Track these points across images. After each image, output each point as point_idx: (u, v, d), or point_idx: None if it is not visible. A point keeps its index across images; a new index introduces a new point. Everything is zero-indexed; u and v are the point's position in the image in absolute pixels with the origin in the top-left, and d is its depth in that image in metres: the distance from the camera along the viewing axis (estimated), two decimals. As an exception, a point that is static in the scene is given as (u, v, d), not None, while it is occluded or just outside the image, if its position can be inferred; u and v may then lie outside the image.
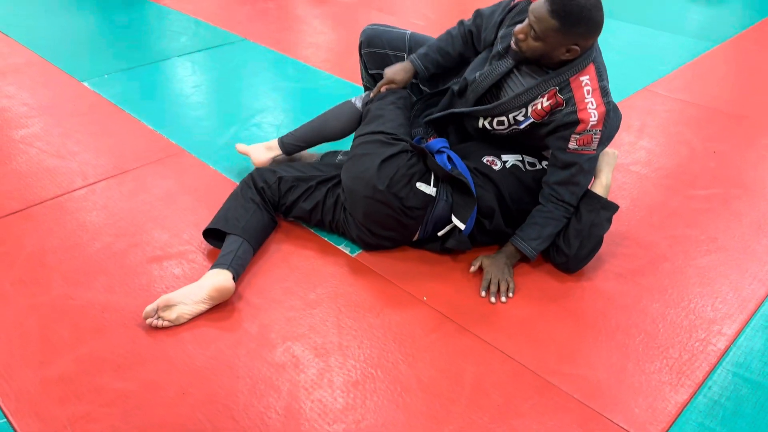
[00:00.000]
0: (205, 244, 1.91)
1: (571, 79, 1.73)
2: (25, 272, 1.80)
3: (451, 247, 1.85)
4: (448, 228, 1.84)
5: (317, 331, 1.64)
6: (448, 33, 2.07)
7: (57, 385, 1.47)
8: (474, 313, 1.71)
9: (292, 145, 2.16)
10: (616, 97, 2.90)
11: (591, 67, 1.75)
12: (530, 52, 1.72)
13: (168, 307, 1.62)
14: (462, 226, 1.79)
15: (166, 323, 1.62)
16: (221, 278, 1.66)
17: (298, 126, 2.22)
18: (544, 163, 1.95)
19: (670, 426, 1.43)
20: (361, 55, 2.27)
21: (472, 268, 1.82)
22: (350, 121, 2.14)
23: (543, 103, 1.76)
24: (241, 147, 2.23)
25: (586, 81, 1.74)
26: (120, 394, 1.46)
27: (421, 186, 1.79)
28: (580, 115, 1.72)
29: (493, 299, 1.75)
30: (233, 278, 1.70)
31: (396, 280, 1.82)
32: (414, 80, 2.15)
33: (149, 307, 1.61)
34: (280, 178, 1.93)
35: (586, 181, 1.83)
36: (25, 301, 1.70)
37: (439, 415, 1.43)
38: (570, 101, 1.74)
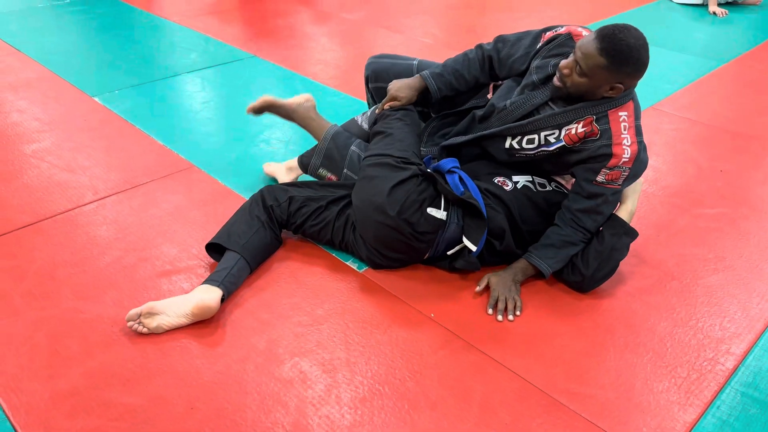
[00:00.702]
0: (212, 261, 1.92)
1: (609, 112, 1.73)
2: (35, 285, 1.82)
3: (459, 267, 1.86)
4: (458, 248, 1.85)
5: (325, 347, 1.65)
6: (465, 56, 2.03)
7: (66, 399, 1.48)
8: (481, 331, 1.71)
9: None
10: (622, 116, 2.94)
11: (630, 104, 1.76)
12: (574, 87, 1.72)
13: (151, 314, 1.64)
14: (473, 248, 1.79)
15: (144, 330, 1.64)
16: (207, 296, 1.67)
17: (307, 142, 2.23)
18: (554, 184, 1.95)
19: (679, 446, 1.42)
20: (368, 89, 2.25)
21: (479, 288, 1.82)
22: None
23: (578, 128, 1.75)
24: (268, 168, 2.31)
25: (624, 117, 1.74)
26: (128, 409, 1.46)
27: (431, 211, 1.80)
28: (615, 150, 1.73)
29: (500, 317, 1.75)
30: (223, 296, 1.72)
31: (403, 296, 1.82)
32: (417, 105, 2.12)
33: (133, 311, 1.63)
34: (291, 198, 1.93)
35: (609, 210, 1.83)
36: (34, 315, 1.71)
37: (447, 432, 1.43)
38: (606, 133, 1.74)
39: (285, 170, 2.25)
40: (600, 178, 1.76)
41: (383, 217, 1.78)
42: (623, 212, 1.86)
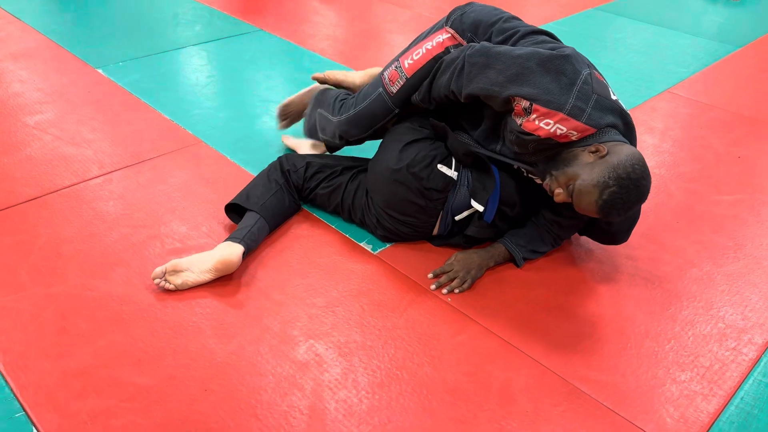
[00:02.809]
0: (232, 221, 1.91)
1: None
2: (42, 261, 1.77)
3: (472, 235, 1.82)
4: (466, 213, 1.80)
5: (340, 330, 1.61)
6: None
7: (76, 378, 1.44)
8: (499, 316, 1.68)
9: (314, 133, 2.13)
10: (638, 99, 2.90)
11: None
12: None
13: (175, 272, 1.67)
14: (480, 208, 1.75)
15: (171, 287, 1.67)
16: (230, 251, 1.70)
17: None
18: None
19: (703, 437, 1.40)
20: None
21: (448, 261, 1.80)
22: None
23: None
24: (288, 141, 2.30)
25: None
26: (140, 389, 1.42)
27: (442, 168, 1.77)
28: None
29: (433, 286, 1.74)
30: (244, 252, 1.74)
31: (419, 279, 1.78)
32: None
33: (158, 269, 1.66)
34: (308, 164, 1.98)
35: (581, 225, 1.83)
36: (41, 291, 1.67)
37: (467, 420, 1.40)
38: None
39: (309, 146, 2.23)
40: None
41: (391, 171, 1.78)
42: None
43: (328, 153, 2.19)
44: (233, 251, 1.70)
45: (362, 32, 3.56)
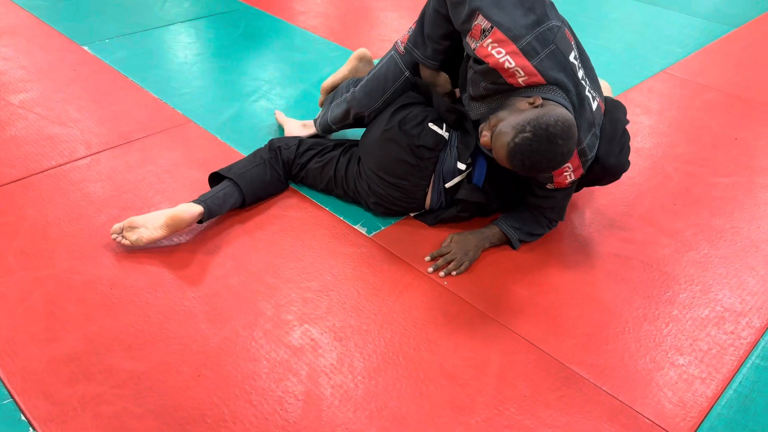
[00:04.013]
0: (218, 222, 1.85)
1: None
2: (28, 244, 1.72)
3: (463, 198, 1.79)
4: (458, 179, 1.78)
5: (335, 314, 1.58)
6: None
7: (65, 364, 1.40)
8: (496, 300, 1.66)
9: (326, 125, 2.10)
10: (634, 80, 2.87)
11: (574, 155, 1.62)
12: None
13: (132, 228, 1.70)
14: (462, 167, 1.75)
15: (126, 242, 1.70)
16: (183, 208, 1.71)
17: (309, 99, 2.14)
18: None
19: (702, 421, 1.39)
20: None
21: (444, 244, 1.78)
22: None
23: None
24: (279, 116, 2.29)
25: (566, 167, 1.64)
26: (132, 375, 1.39)
27: (433, 126, 1.77)
28: (556, 179, 1.68)
29: (430, 269, 1.73)
30: (205, 214, 1.75)
31: (415, 263, 1.75)
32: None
33: (116, 225, 1.71)
34: (301, 141, 2.00)
35: (566, 200, 1.80)
36: (28, 275, 1.63)
37: (465, 405, 1.38)
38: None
39: (299, 124, 2.21)
40: (549, 187, 1.72)
41: (384, 131, 1.79)
42: (605, 93, 1.81)
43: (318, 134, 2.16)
44: (187, 209, 1.72)
45: (354, 9, 3.49)
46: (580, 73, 1.57)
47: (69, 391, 1.35)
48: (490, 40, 1.50)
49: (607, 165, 1.72)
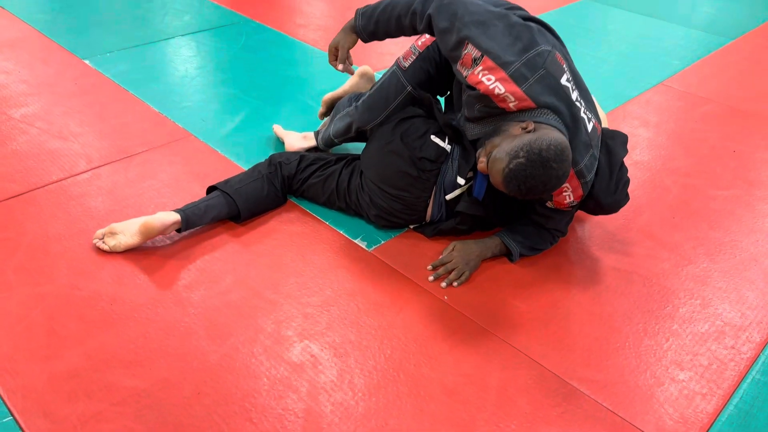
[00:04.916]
0: (218, 238, 1.84)
1: None
2: (28, 260, 1.72)
3: (463, 211, 1.80)
4: (458, 191, 1.79)
5: (336, 330, 1.58)
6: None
7: (65, 381, 1.40)
8: (496, 315, 1.66)
9: (328, 139, 2.11)
10: (632, 92, 2.88)
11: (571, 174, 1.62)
12: None
13: (112, 234, 1.75)
14: (461, 182, 1.76)
15: (105, 247, 1.75)
16: (157, 217, 1.74)
17: (310, 114, 2.15)
18: None
19: (703, 437, 1.39)
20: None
21: (445, 252, 1.78)
22: None
23: None
24: (278, 130, 2.29)
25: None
26: (132, 393, 1.39)
27: (435, 139, 1.78)
28: (556, 199, 1.69)
29: (431, 278, 1.73)
30: (183, 224, 1.77)
31: (415, 277, 1.76)
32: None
33: (99, 231, 1.77)
34: (302, 157, 2.00)
35: (567, 218, 1.81)
36: (29, 291, 1.63)
37: (465, 422, 1.38)
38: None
39: (299, 137, 2.21)
40: (549, 205, 1.73)
41: (386, 143, 1.81)
42: (602, 124, 1.81)
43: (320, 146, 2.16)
44: (161, 217, 1.74)
45: (354, 23, 3.50)
46: (574, 95, 1.58)
47: (69, 409, 1.35)
48: (480, 68, 1.54)
49: (603, 204, 1.76)
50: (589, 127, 1.62)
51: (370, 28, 1.80)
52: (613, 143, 1.75)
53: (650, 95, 2.88)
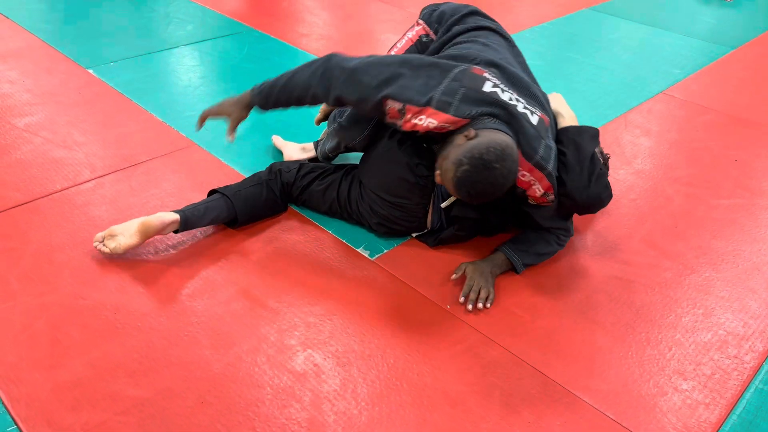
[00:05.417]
0: (221, 246, 1.85)
1: None
2: (32, 269, 1.73)
3: (457, 215, 1.81)
4: (452, 198, 1.81)
5: (338, 339, 1.58)
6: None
7: (69, 390, 1.41)
8: (499, 324, 1.66)
9: (324, 154, 2.13)
10: (633, 101, 2.89)
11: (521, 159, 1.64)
12: None
13: (111, 236, 1.75)
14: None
15: (106, 249, 1.75)
16: (155, 216, 1.76)
17: (310, 122, 2.16)
18: None
19: (706, 447, 1.39)
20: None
21: (455, 276, 1.77)
22: None
23: None
24: (277, 141, 2.31)
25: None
26: (136, 402, 1.39)
27: (434, 147, 1.79)
28: (528, 194, 1.71)
29: (470, 306, 1.70)
30: (181, 224, 1.78)
31: (418, 286, 1.76)
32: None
33: (99, 234, 1.77)
34: (302, 165, 2.02)
35: (568, 212, 1.83)
36: (33, 300, 1.63)
37: None
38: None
39: (298, 148, 2.23)
40: (531, 202, 1.75)
41: (384, 151, 1.82)
42: (570, 122, 1.84)
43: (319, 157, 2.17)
44: (159, 217, 1.76)
45: (356, 32, 3.53)
46: (505, 96, 1.62)
47: (73, 418, 1.35)
48: (409, 116, 1.61)
49: (578, 200, 1.75)
50: (533, 119, 1.64)
51: (269, 107, 1.83)
52: (580, 138, 1.77)
53: (652, 104, 2.89)
